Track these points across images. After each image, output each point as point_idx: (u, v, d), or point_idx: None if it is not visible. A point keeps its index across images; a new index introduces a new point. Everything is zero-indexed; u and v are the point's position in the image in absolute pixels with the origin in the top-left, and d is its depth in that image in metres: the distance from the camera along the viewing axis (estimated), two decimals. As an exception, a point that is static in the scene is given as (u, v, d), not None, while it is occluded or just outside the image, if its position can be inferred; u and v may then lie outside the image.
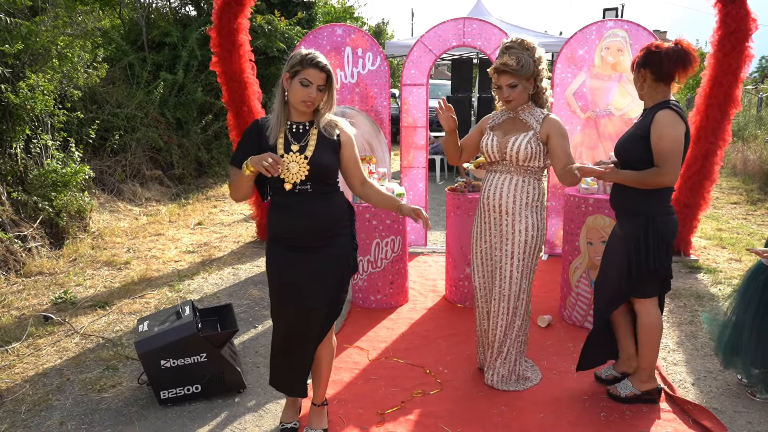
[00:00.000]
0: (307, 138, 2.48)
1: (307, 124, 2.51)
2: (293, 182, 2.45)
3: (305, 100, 2.42)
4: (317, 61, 2.41)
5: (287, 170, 2.44)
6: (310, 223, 2.49)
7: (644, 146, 2.81)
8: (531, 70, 2.95)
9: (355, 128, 2.80)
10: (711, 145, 5.23)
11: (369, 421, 2.95)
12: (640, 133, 2.84)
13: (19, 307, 4.49)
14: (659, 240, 2.86)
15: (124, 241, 6.34)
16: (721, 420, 2.90)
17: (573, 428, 2.87)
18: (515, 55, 2.92)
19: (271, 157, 2.29)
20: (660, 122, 2.76)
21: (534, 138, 3.00)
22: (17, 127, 5.97)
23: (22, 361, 3.63)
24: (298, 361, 2.67)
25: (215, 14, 5.42)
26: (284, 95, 2.47)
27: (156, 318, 3.31)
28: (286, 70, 2.45)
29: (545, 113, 3.05)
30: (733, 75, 5.08)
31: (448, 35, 5.52)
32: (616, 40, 5.24)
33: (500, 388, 3.23)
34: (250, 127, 2.56)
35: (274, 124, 2.47)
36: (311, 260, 2.53)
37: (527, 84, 3.00)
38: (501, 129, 3.12)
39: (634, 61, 2.95)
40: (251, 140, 2.51)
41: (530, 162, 3.02)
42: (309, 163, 2.44)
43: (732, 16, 4.95)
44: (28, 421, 2.99)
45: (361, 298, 4.47)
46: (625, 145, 2.95)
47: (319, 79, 2.41)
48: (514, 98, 3.00)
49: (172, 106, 9.49)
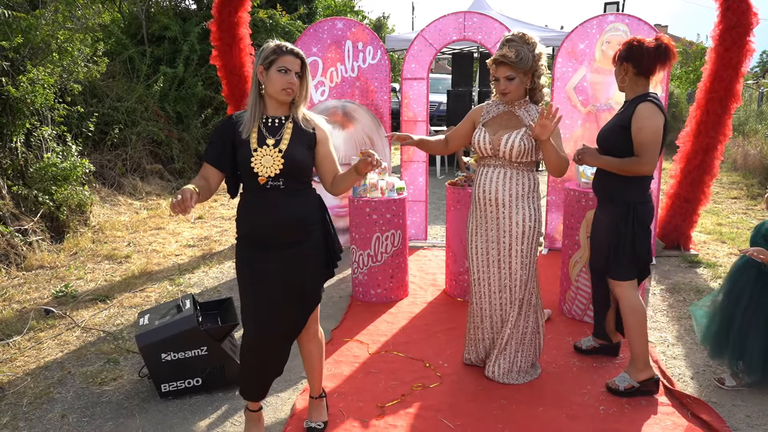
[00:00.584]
0: (282, 132, 2.43)
1: (283, 118, 2.46)
2: (267, 176, 2.39)
3: (286, 88, 2.38)
4: (291, 48, 2.40)
5: (261, 164, 2.38)
6: (281, 221, 2.43)
7: (625, 136, 2.96)
8: (529, 64, 2.95)
9: (356, 122, 2.77)
10: (711, 140, 5.23)
11: (369, 414, 2.96)
12: (621, 123, 2.99)
13: (20, 300, 4.50)
14: (639, 225, 3.04)
15: (125, 235, 6.35)
16: (720, 414, 2.91)
17: (572, 422, 2.88)
18: (515, 48, 2.92)
19: (181, 194, 2.18)
20: (640, 114, 2.91)
21: (527, 134, 3.00)
22: (17, 121, 5.96)
23: (24, 355, 3.65)
24: (272, 362, 2.59)
25: (215, 8, 5.41)
26: (259, 89, 2.43)
27: (157, 311, 3.32)
28: (259, 63, 2.40)
29: (538, 110, 3.04)
30: (733, 69, 5.07)
31: (448, 29, 5.50)
32: (617, 34, 5.23)
33: (502, 381, 3.24)
34: (222, 122, 2.51)
35: (248, 119, 2.43)
36: (282, 258, 2.46)
37: (525, 78, 2.99)
38: (494, 124, 3.11)
39: (616, 54, 3.07)
40: (224, 136, 2.46)
41: (523, 158, 3.03)
42: (283, 157, 2.39)
43: (733, 11, 4.94)
44: (29, 414, 3.00)
45: (361, 292, 4.48)
46: (607, 135, 3.08)
47: (295, 65, 2.39)
48: (510, 91, 2.99)
49: (172, 100, 9.48)
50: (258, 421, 2.74)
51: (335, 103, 5.54)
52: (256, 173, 2.39)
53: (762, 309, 3.04)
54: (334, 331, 3.96)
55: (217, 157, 2.46)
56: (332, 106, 5.53)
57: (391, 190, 4.41)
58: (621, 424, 2.86)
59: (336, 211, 5.61)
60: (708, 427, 2.80)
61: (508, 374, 3.25)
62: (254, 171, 2.39)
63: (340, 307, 4.39)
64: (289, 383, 3.28)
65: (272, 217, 2.42)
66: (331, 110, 5.53)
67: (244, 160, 2.41)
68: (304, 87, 2.46)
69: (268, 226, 2.44)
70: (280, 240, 2.45)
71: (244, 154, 2.40)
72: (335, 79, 5.54)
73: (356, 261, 4.44)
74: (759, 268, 3.04)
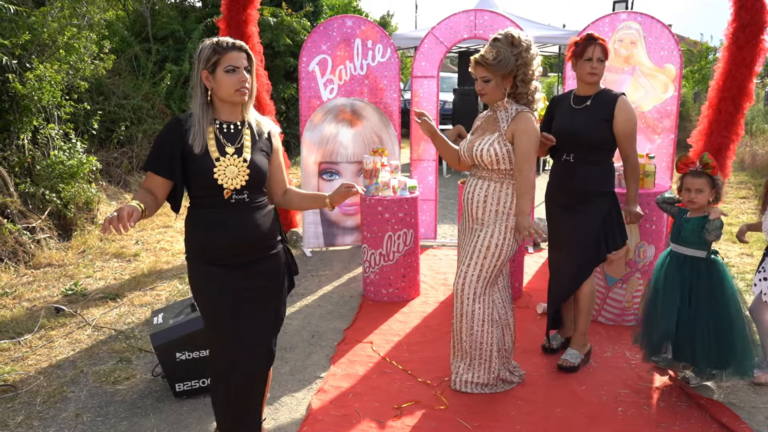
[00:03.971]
0: (241, 138, 2.22)
1: (239, 124, 2.25)
2: (232, 189, 2.17)
3: (239, 88, 2.16)
4: (232, 42, 2.16)
5: (224, 175, 2.15)
6: (246, 237, 2.22)
7: (609, 129, 3.19)
8: (508, 68, 2.82)
9: (365, 120, 2.68)
10: (724, 139, 5.19)
11: (385, 414, 2.94)
12: (604, 117, 3.16)
13: (30, 298, 4.48)
14: (620, 214, 3.29)
15: (132, 233, 6.32)
16: (739, 416, 2.88)
17: (591, 423, 2.86)
18: (497, 49, 2.82)
19: (118, 212, 1.88)
20: (626, 107, 3.16)
21: (499, 140, 2.90)
22: (24, 118, 5.94)
23: (35, 353, 3.63)
24: (254, 388, 2.38)
25: (224, 5, 5.38)
26: (207, 96, 2.19)
27: (171, 310, 3.29)
28: (202, 68, 2.15)
29: (519, 109, 2.90)
30: (747, 68, 5.03)
31: (459, 27, 5.47)
32: (630, 33, 5.19)
33: (462, 390, 3.11)
34: (170, 125, 2.20)
35: (197, 130, 2.15)
36: (252, 276, 2.27)
37: (502, 82, 2.87)
38: (479, 130, 3.06)
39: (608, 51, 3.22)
40: (173, 142, 2.16)
41: (497, 165, 2.93)
42: (249, 167, 2.18)
43: (747, 9, 4.90)
44: (43, 413, 2.98)
45: (372, 292, 4.46)
46: (595, 129, 3.19)
47: (242, 60, 2.16)
48: (486, 93, 2.91)
49: (178, 97, 9.45)
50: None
51: (344, 101, 5.51)
52: (220, 185, 2.16)
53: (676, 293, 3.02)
54: (346, 330, 3.93)
55: (169, 166, 2.15)
56: (341, 104, 5.51)
57: (403, 188, 4.38)
58: (640, 426, 2.83)
59: (344, 209, 5.58)
60: (728, 430, 2.77)
61: (464, 385, 3.12)
62: (218, 183, 2.15)
63: (352, 307, 4.36)
64: (303, 383, 3.26)
65: (238, 233, 2.21)
66: (340, 108, 5.50)
67: (203, 172, 2.14)
68: (253, 84, 2.24)
69: (234, 243, 2.21)
70: (247, 257, 2.25)
71: (202, 165, 2.14)
72: (344, 77, 5.51)
73: (368, 260, 4.42)
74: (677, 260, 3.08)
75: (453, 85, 13.32)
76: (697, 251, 3.03)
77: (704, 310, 2.95)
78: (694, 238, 3.02)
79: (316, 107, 5.49)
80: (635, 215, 3.33)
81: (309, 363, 3.48)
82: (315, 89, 5.50)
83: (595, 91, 3.24)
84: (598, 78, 3.21)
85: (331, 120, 5.51)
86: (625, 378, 3.27)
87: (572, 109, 3.27)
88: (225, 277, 2.24)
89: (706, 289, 2.97)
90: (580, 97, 3.28)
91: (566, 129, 3.24)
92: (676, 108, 5.25)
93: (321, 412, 2.96)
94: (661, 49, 5.14)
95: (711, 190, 2.99)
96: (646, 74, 5.24)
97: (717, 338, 2.92)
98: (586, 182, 3.22)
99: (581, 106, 3.24)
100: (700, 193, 2.99)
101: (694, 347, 2.96)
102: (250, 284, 2.28)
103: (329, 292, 4.67)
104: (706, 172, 3.00)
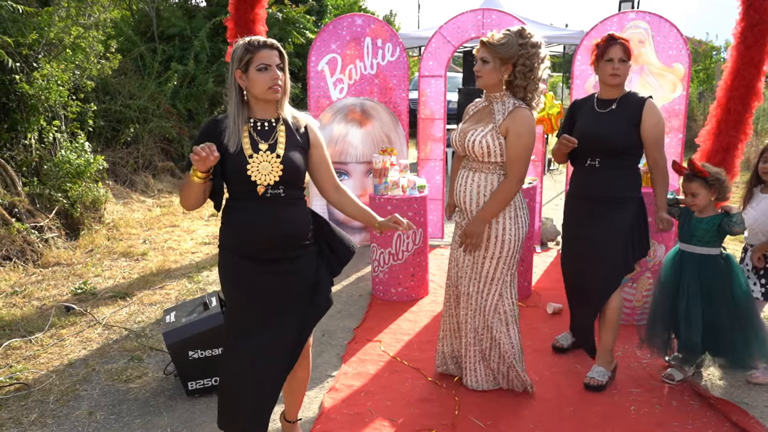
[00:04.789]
0: (275, 135, 2.25)
1: (273, 121, 2.28)
2: (266, 184, 2.21)
3: (272, 86, 2.18)
4: (264, 40, 2.19)
5: (258, 172, 2.20)
6: (280, 232, 2.24)
7: (637, 134, 3.08)
8: (509, 53, 2.74)
9: (375, 120, 2.67)
10: (732, 139, 5.17)
11: (398, 413, 2.94)
12: (632, 121, 3.06)
13: (39, 297, 4.49)
14: (647, 220, 3.18)
15: (140, 232, 6.33)
16: (753, 415, 2.88)
17: (604, 422, 2.86)
18: (504, 34, 2.78)
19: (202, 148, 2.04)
20: (654, 111, 3.06)
21: (493, 132, 2.80)
22: (32, 118, 5.95)
23: (47, 351, 3.63)
24: (269, 387, 2.31)
25: (232, 4, 5.38)
26: (242, 95, 2.24)
27: (183, 309, 3.30)
28: (235, 68, 2.20)
29: (517, 104, 2.81)
30: (755, 67, 5.01)
31: (466, 26, 5.47)
32: (638, 32, 5.19)
33: (476, 388, 3.11)
34: (207, 126, 2.27)
35: (233, 130, 2.20)
36: (283, 273, 2.27)
37: (501, 67, 2.77)
38: (471, 120, 2.96)
39: (629, 51, 3.10)
40: (212, 142, 2.18)
41: (489, 158, 2.83)
42: (282, 162, 2.21)
43: (755, 8, 4.88)
44: (57, 411, 2.99)
45: (381, 291, 4.46)
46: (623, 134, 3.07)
47: (274, 57, 2.19)
48: (483, 75, 2.80)
49: (183, 97, 9.47)
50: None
51: (354, 100, 5.52)
52: (253, 182, 2.20)
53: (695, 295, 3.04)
54: (356, 329, 3.94)
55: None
56: (351, 103, 5.51)
57: (412, 188, 4.38)
58: (653, 425, 2.83)
59: (353, 209, 5.58)
60: (742, 430, 2.77)
61: (480, 383, 3.11)
62: (251, 179, 2.20)
63: (361, 306, 4.37)
64: (315, 382, 3.26)
65: (271, 228, 2.23)
66: (350, 108, 5.51)
67: (237, 168, 2.20)
68: (286, 80, 2.26)
69: (267, 237, 2.24)
70: (277, 253, 2.27)
71: (237, 162, 2.20)
72: (354, 77, 5.51)
73: (377, 259, 4.42)
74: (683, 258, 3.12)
75: (457, 84, 13.30)
76: (712, 249, 3.06)
77: (726, 305, 3.00)
78: (710, 237, 3.04)
79: (325, 107, 5.49)
80: (667, 222, 3.12)
81: (320, 362, 3.48)
82: (324, 89, 5.50)
83: (621, 94, 3.12)
84: (620, 80, 3.08)
85: (341, 120, 5.51)
86: (637, 377, 3.27)
87: (596, 112, 3.14)
88: (253, 271, 2.26)
89: (725, 285, 3.01)
90: (604, 100, 3.15)
91: (591, 133, 3.10)
92: (684, 107, 5.25)
93: (334, 410, 2.96)
94: (669, 48, 5.14)
95: (708, 191, 3.02)
96: (654, 73, 5.24)
97: (742, 331, 2.98)
98: (614, 188, 3.09)
99: (606, 110, 3.12)
100: (696, 196, 3.04)
101: (730, 344, 3.01)
102: (277, 280, 2.28)
103: (338, 291, 4.67)
104: (697, 176, 3.03)
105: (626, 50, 3.06)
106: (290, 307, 2.31)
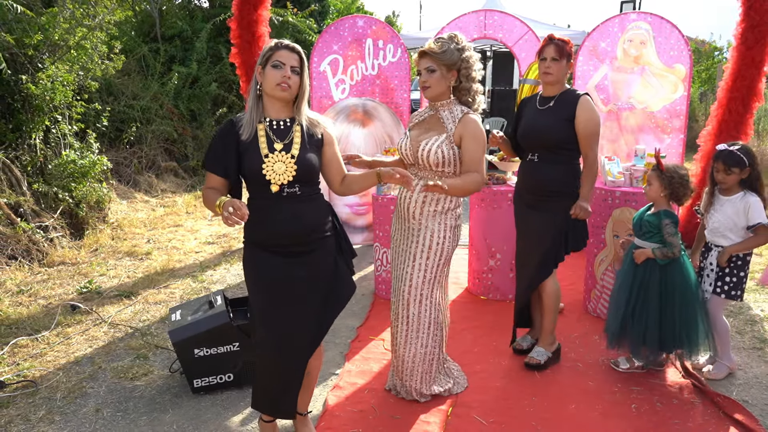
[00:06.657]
0: (291, 135, 2.34)
1: (289, 121, 2.36)
2: (280, 184, 2.30)
3: (280, 82, 2.26)
4: (287, 43, 2.31)
5: (273, 171, 2.29)
6: (299, 228, 2.35)
7: (571, 129, 3.18)
8: (453, 60, 2.78)
9: (377, 120, 2.73)
10: (733, 139, 5.20)
11: (401, 410, 2.97)
12: (566, 117, 3.17)
13: (45, 296, 4.53)
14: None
15: (144, 232, 6.37)
16: (753, 413, 2.91)
17: (605, 420, 2.89)
18: (441, 43, 2.81)
19: (233, 206, 2.09)
20: (587, 107, 3.16)
21: (447, 141, 2.81)
22: (37, 118, 5.99)
23: (53, 349, 3.67)
24: (293, 374, 2.47)
25: (236, 5, 5.42)
26: (257, 89, 2.34)
27: (188, 307, 3.33)
28: (258, 64, 2.31)
29: (465, 111, 2.84)
30: (756, 68, 5.04)
31: (469, 27, 5.51)
32: (639, 33, 5.22)
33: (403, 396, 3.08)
34: (224, 127, 2.36)
35: (248, 121, 2.32)
36: (303, 264, 2.39)
37: (447, 74, 2.81)
38: (419, 128, 2.95)
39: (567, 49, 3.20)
40: (228, 143, 2.32)
41: (442, 168, 2.83)
42: (296, 163, 2.30)
43: (756, 9, 4.91)
44: (64, 408, 3.02)
45: (384, 290, 4.49)
46: (556, 129, 3.20)
47: (291, 59, 2.28)
48: (431, 84, 2.81)
49: (186, 98, 9.51)
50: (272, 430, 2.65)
51: (355, 101, 5.55)
52: (268, 181, 2.29)
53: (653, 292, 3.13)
54: (359, 328, 3.97)
55: (223, 165, 2.33)
56: (352, 104, 5.54)
57: (415, 187, 4.41)
58: (654, 423, 2.86)
59: (356, 209, 5.62)
60: (742, 427, 2.80)
61: (407, 393, 3.07)
62: (266, 179, 2.29)
63: (364, 305, 4.40)
64: (319, 379, 3.28)
65: (289, 223, 2.33)
66: (352, 108, 5.54)
67: (253, 167, 2.29)
68: (303, 85, 2.34)
69: (285, 234, 2.35)
70: (298, 247, 2.38)
71: (253, 161, 2.29)
72: (356, 77, 5.55)
73: (379, 258, 4.45)
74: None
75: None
76: (655, 245, 3.15)
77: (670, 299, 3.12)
78: (653, 233, 3.15)
79: (327, 107, 5.53)
80: (582, 210, 3.17)
81: (324, 360, 3.49)
82: (326, 89, 5.54)
83: (560, 92, 3.26)
84: (552, 78, 3.21)
85: (343, 120, 5.55)
86: (638, 375, 3.30)
87: (537, 109, 3.31)
88: (275, 264, 2.38)
89: (672, 280, 3.12)
90: (544, 97, 3.31)
91: (530, 129, 3.29)
92: (685, 108, 5.28)
93: (338, 408, 3.00)
94: (670, 49, 5.16)
95: (660, 185, 3.12)
96: (655, 74, 5.27)
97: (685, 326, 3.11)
98: (550, 182, 3.24)
99: (545, 107, 3.27)
100: (650, 185, 3.16)
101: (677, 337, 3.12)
102: (299, 273, 2.39)
103: (341, 290, 4.70)
104: (657, 167, 3.15)
105: (560, 50, 3.18)
106: (310, 296, 2.42)
